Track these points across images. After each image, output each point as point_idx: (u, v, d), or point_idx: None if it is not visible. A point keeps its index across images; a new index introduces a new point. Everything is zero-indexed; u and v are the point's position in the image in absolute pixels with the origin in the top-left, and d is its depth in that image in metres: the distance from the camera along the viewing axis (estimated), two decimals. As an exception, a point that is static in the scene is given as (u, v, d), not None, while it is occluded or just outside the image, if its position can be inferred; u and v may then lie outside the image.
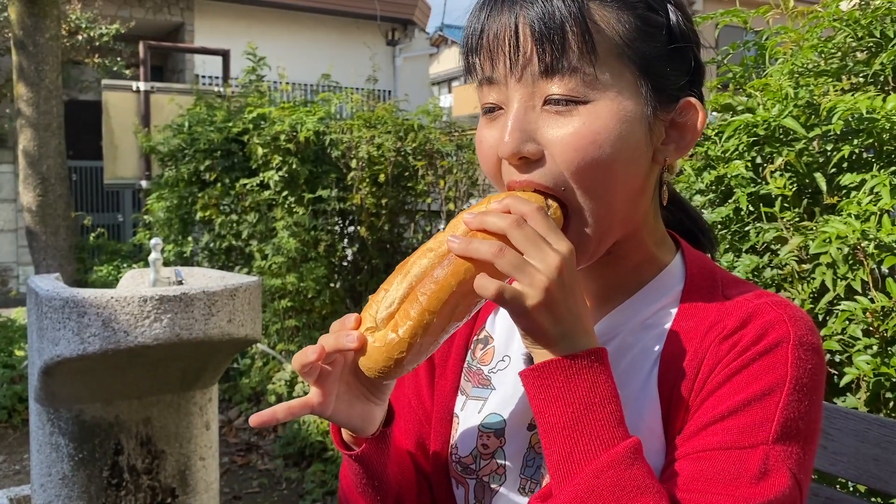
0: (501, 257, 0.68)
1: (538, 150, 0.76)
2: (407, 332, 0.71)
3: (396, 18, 12.58)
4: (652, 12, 0.77)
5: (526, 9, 0.74)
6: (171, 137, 5.05)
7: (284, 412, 0.78)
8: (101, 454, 2.24)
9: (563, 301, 0.69)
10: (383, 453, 0.85)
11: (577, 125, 0.74)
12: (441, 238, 0.74)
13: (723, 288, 0.82)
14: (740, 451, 0.71)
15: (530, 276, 0.68)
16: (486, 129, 0.80)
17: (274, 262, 4.26)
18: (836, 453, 1.18)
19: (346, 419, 0.81)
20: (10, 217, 9.91)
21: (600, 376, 0.71)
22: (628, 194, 0.79)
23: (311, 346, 0.76)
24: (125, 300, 1.97)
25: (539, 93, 0.75)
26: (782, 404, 0.72)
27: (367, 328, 0.74)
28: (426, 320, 0.70)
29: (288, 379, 4.22)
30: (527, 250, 0.69)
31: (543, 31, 0.73)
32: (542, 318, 0.69)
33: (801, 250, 1.56)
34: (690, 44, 0.80)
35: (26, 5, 6.32)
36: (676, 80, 0.79)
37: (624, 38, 0.75)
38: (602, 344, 0.83)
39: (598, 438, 0.69)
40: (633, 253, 0.84)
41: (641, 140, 0.77)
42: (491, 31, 0.76)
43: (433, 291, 0.70)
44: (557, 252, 0.69)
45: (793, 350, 0.73)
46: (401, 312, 0.72)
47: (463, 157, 4.25)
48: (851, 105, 1.51)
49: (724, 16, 1.92)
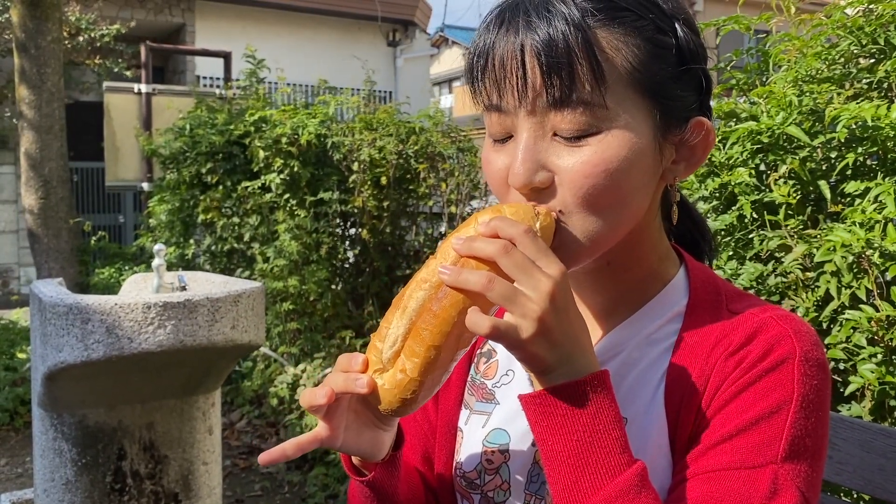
0: (491, 289, 0.66)
1: (549, 178, 0.75)
2: (415, 371, 0.70)
3: (397, 19, 12.57)
4: (661, 34, 0.75)
5: (531, 35, 0.72)
6: (173, 140, 5.05)
7: (294, 448, 0.77)
8: (105, 459, 2.25)
9: (558, 326, 0.68)
10: (394, 476, 0.85)
11: (589, 154, 0.73)
12: (433, 267, 0.72)
13: (727, 302, 0.82)
14: (750, 470, 0.70)
15: (522, 306, 0.66)
16: (494, 153, 0.79)
17: (276, 265, 4.26)
18: (841, 463, 1.18)
19: (355, 448, 0.81)
20: (12, 218, 9.92)
21: (603, 401, 0.69)
22: (635, 216, 0.79)
23: (320, 388, 0.75)
24: (129, 307, 1.97)
25: (549, 123, 0.74)
26: (790, 422, 0.71)
27: (374, 370, 0.73)
28: (432, 356, 0.69)
29: (290, 382, 4.22)
30: (517, 278, 0.67)
31: (552, 63, 0.71)
32: (539, 348, 0.68)
33: (805, 258, 1.56)
34: (700, 62, 0.79)
35: (28, 8, 6.32)
36: (686, 101, 0.79)
37: (633, 63, 0.74)
38: (607, 359, 0.83)
39: (604, 467, 0.68)
40: (637, 267, 0.84)
41: (651, 164, 0.77)
42: (496, 56, 0.74)
43: (434, 326, 0.69)
44: (549, 277, 0.67)
45: (799, 366, 0.73)
46: (406, 350, 0.71)
47: (464, 159, 4.25)
48: (856, 113, 1.51)
49: (727, 22, 1.92)
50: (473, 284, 0.67)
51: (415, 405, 0.72)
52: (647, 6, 0.75)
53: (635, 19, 0.74)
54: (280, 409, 4.22)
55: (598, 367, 0.71)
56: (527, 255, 0.68)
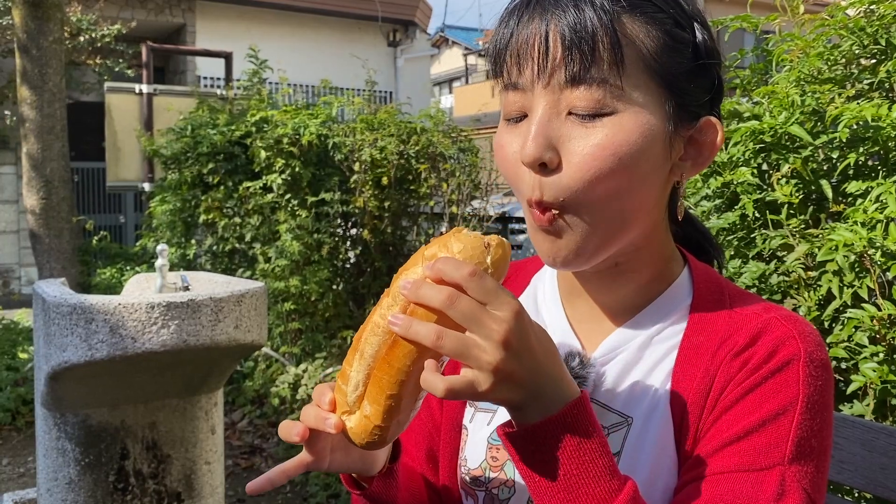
0: (442, 345, 0.64)
1: (558, 158, 0.75)
2: (378, 418, 0.70)
3: (398, 19, 12.58)
4: (679, 28, 0.77)
5: (557, 17, 0.73)
6: (174, 141, 5.05)
7: (279, 476, 0.78)
8: (108, 459, 2.25)
9: (520, 367, 0.65)
10: (392, 486, 0.85)
11: (601, 137, 0.73)
12: (385, 309, 0.69)
13: (731, 301, 0.83)
14: (757, 473, 0.71)
15: (476, 359, 0.64)
16: (508, 134, 0.79)
17: (277, 265, 4.26)
18: (843, 462, 1.18)
19: (345, 467, 0.82)
20: (13, 218, 9.92)
21: (585, 430, 0.67)
22: (640, 208, 0.79)
23: (295, 426, 0.75)
24: (133, 307, 1.98)
25: (564, 101, 0.74)
26: (795, 424, 0.72)
27: (342, 411, 0.73)
28: (392, 403, 0.69)
29: (291, 381, 4.23)
30: (467, 327, 0.64)
31: (574, 38, 0.72)
32: (503, 394, 0.66)
33: (807, 257, 1.57)
34: (714, 62, 0.80)
35: (30, 9, 6.32)
36: (699, 98, 0.79)
37: (651, 52, 0.75)
38: (611, 358, 0.83)
39: (595, 496, 0.67)
40: (643, 267, 0.84)
41: (660, 155, 0.77)
42: (521, 36, 0.75)
43: (391, 376, 0.68)
44: (500, 321, 0.64)
45: (803, 368, 0.74)
46: (368, 396, 0.70)
47: (465, 159, 4.26)
48: (857, 113, 1.51)
49: (735, 20, 1.93)
50: (423, 339, 0.65)
51: (386, 442, 0.72)
52: (668, 1, 0.77)
53: (656, 11, 0.76)
54: (281, 408, 4.23)
55: (574, 391, 0.69)
56: (475, 300, 0.64)
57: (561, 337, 0.88)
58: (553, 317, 0.90)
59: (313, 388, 4.05)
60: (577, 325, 0.88)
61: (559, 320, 0.89)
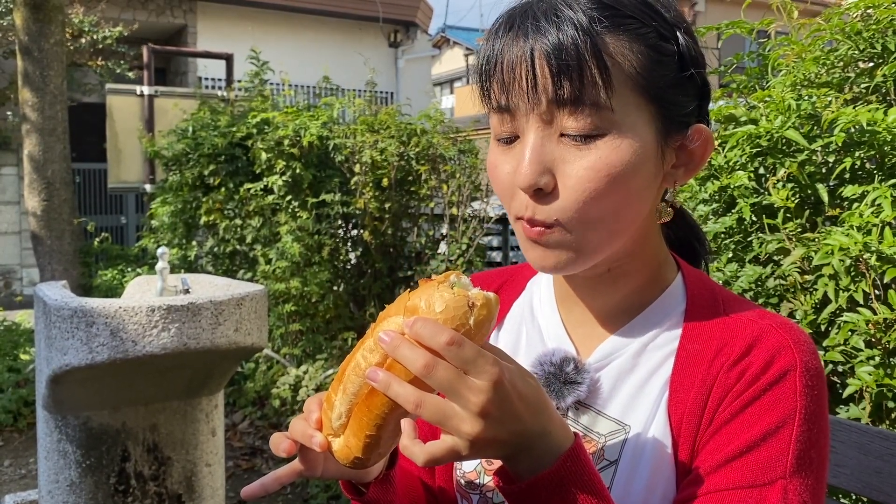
0: (421, 413, 0.64)
1: (552, 183, 0.75)
2: (359, 451, 0.71)
3: (399, 20, 12.58)
4: (663, 41, 0.77)
5: (540, 39, 0.73)
6: (175, 142, 5.06)
7: (273, 482, 0.79)
8: (109, 461, 2.26)
9: (501, 432, 0.64)
10: (389, 491, 0.86)
11: (594, 159, 0.74)
12: (368, 355, 0.69)
13: (724, 307, 0.83)
14: (760, 489, 0.71)
15: (456, 428, 0.64)
16: (501, 155, 0.79)
17: (278, 267, 4.27)
18: (838, 465, 1.19)
19: (339, 474, 0.83)
20: (14, 219, 9.94)
21: (580, 480, 0.67)
22: (634, 220, 0.79)
23: (284, 441, 0.76)
24: (133, 310, 1.99)
25: (556, 125, 0.74)
26: (795, 437, 0.73)
27: (328, 433, 0.73)
28: (372, 441, 0.70)
29: (292, 383, 4.23)
30: (446, 395, 0.64)
31: (562, 65, 0.71)
32: (487, 454, 0.66)
33: (803, 261, 1.58)
34: (700, 69, 0.80)
35: (31, 11, 6.33)
36: (687, 106, 0.79)
37: (637, 68, 0.74)
38: (605, 364, 0.84)
39: None
40: (636, 272, 0.85)
41: (653, 170, 0.78)
42: (505, 59, 0.75)
43: (370, 419, 0.69)
44: (478, 391, 0.63)
45: (800, 378, 0.74)
46: (350, 428, 0.71)
47: (465, 161, 4.26)
48: (853, 117, 1.52)
49: (729, 27, 1.93)
50: (402, 402, 0.65)
51: (369, 466, 0.73)
52: (650, 14, 0.76)
53: (639, 27, 0.75)
54: (282, 410, 4.23)
55: (567, 440, 0.68)
56: (453, 368, 0.63)
57: (556, 342, 0.88)
58: (548, 322, 0.91)
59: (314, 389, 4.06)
60: (573, 330, 0.89)
61: (554, 325, 0.90)
